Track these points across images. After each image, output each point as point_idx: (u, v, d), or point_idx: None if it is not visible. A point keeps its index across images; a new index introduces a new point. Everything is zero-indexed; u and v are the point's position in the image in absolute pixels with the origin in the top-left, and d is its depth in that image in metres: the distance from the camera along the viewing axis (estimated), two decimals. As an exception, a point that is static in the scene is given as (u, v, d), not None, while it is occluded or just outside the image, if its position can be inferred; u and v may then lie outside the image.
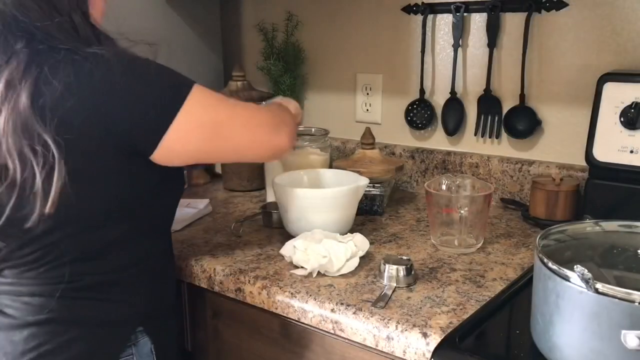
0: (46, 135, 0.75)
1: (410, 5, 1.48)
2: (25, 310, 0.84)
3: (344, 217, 1.16)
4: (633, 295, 0.61)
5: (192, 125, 0.84)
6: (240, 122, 0.90)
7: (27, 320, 0.83)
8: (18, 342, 0.83)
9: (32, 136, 0.75)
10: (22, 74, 0.76)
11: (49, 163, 0.76)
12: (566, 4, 1.27)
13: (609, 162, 1.12)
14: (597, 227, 0.83)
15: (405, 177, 1.55)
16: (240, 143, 0.91)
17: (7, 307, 0.85)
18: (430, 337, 0.81)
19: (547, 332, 0.71)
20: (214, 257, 1.10)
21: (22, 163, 0.76)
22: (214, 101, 0.88)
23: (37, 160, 0.76)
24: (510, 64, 1.37)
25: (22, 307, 0.84)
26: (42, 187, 0.76)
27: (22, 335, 0.83)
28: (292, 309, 0.95)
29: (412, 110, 1.52)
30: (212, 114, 0.87)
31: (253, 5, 1.80)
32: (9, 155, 0.76)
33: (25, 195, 0.77)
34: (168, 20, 1.64)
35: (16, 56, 0.77)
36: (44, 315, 0.83)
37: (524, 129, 1.36)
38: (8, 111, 0.75)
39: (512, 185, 1.38)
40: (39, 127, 0.75)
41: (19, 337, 0.83)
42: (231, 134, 0.89)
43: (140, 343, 0.91)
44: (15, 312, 0.84)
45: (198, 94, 0.84)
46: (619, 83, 1.11)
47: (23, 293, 0.84)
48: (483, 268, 1.04)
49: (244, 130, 0.90)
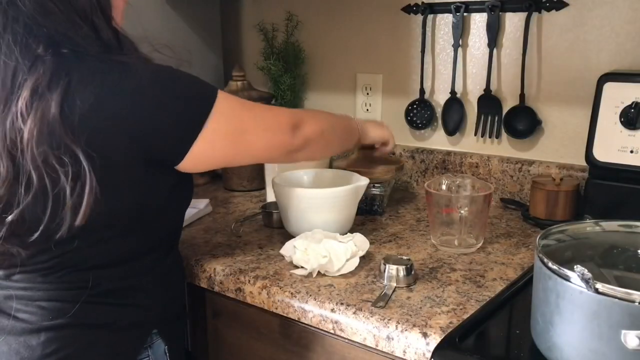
0: (75, 147, 0.75)
1: (410, 5, 1.48)
2: (41, 315, 0.83)
3: (344, 217, 1.16)
4: (633, 295, 0.61)
5: (219, 136, 0.86)
6: (263, 127, 0.92)
7: (44, 325, 0.82)
8: (35, 346, 0.82)
9: (60, 147, 0.75)
10: (49, 82, 0.75)
11: (78, 175, 0.76)
12: (566, 4, 1.27)
13: (609, 162, 1.12)
14: (597, 227, 0.83)
15: (405, 177, 1.55)
16: (264, 147, 0.94)
17: (19, 311, 0.84)
18: (430, 337, 0.81)
19: (547, 332, 0.71)
20: (214, 257, 1.10)
21: (49, 175, 0.75)
22: (238, 109, 0.90)
23: (65, 171, 0.75)
24: (510, 64, 1.37)
25: (37, 311, 0.83)
26: (72, 199, 0.76)
27: (39, 340, 0.82)
28: (292, 309, 0.95)
29: (412, 110, 1.52)
30: (238, 123, 0.89)
31: (253, 5, 1.80)
32: (35, 167, 0.75)
33: (58, 207, 0.77)
34: (168, 20, 1.64)
35: (41, 62, 0.76)
36: (61, 320, 0.83)
37: (524, 129, 1.36)
38: (35, 120, 0.74)
39: (512, 185, 1.38)
40: (67, 138, 0.75)
41: (36, 342, 0.82)
42: (255, 139, 0.92)
43: (155, 345, 0.92)
44: (30, 316, 0.83)
45: (223, 103, 0.86)
46: (619, 83, 1.11)
47: (37, 297, 0.83)
48: (483, 268, 1.04)
49: (266, 135, 0.93)
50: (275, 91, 1.70)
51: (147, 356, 0.91)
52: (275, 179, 1.21)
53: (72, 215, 0.77)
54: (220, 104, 0.86)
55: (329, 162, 1.50)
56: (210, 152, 0.87)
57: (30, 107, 0.74)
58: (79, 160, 0.75)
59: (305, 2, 1.67)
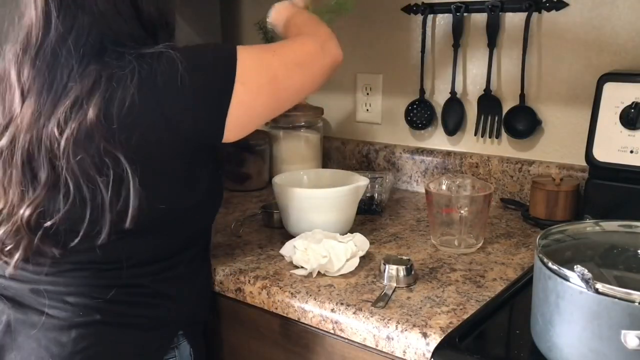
0: (116, 151, 0.75)
1: (410, 5, 1.48)
2: (72, 312, 0.83)
3: (344, 217, 1.16)
4: (633, 295, 0.61)
5: (253, 92, 0.84)
6: (291, 66, 0.89)
7: (75, 322, 0.82)
8: (65, 343, 0.81)
9: (99, 152, 0.75)
10: (91, 89, 0.76)
11: (121, 180, 0.76)
12: (566, 4, 1.27)
13: (609, 162, 1.12)
14: (597, 227, 0.83)
15: (405, 177, 1.55)
16: (302, 83, 0.92)
17: (50, 307, 0.83)
18: (430, 337, 0.81)
19: (547, 332, 0.71)
20: (214, 257, 1.10)
21: (87, 184, 0.76)
22: (263, 58, 0.87)
23: (105, 180, 0.76)
24: (510, 64, 1.37)
25: (68, 307, 0.83)
26: (114, 203, 0.76)
27: (70, 336, 0.82)
28: (292, 309, 0.95)
29: (412, 110, 1.52)
30: (266, 72, 0.86)
31: (253, 4, 1.80)
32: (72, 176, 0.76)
33: (98, 215, 0.77)
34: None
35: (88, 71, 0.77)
36: (92, 317, 0.83)
37: (524, 129, 1.36)
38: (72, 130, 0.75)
39: (512, 185, 1.38)
40: (107, 144, 0.75)
41: (67, 339, 0.82)
42: (291, 81, 0.89)
43: (181, 346, 0.92)
44: (60, 312, 0.83)
45: (245, 58, 0.83)
46: (619, 83, 1.11)
47: (68, 293, 0.83)
48: (483, 268, 1.04)
49: (298, 71, 0.90)
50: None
51: (174, 356, 0.92)
52: (275, 179, 1.21)
53: (117, 220, 0.77)
54: (242, 61, 0.83)
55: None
56: (251, 111, 0.85)
57: (69, 116, 0.75)
58: (121, 165, 0.76)
59: (305, 2, 1.67)
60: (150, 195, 0.79)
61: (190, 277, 0.94)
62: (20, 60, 0.80)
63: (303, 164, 1.52)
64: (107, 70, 0.77)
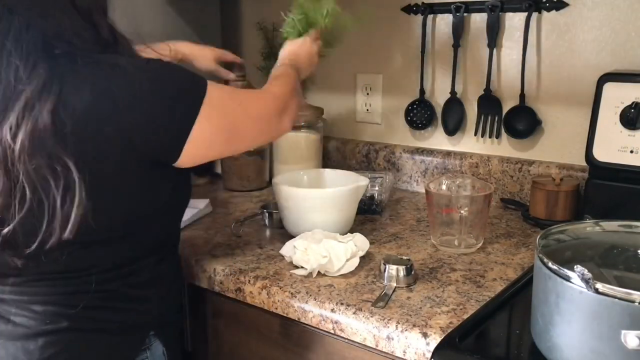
0: (67, 157, 0.74)
1: (410, 5, 1.48)
2: (38, 320, 0.82)
3: (344, 217, 1.16)
4: (633, 295, 0.61)
5: (212, 129, 0.86)
6: (252, 118, 0.94)
7: (41, 330, 0.82)
8: (33, 351, 0.81)
9: (52, 157, 0.73)
10: (42, 90, 0.74)
11: (68, 187, 0.74)
12: (566, 4, 1.27)
13: (609, 162, 1.12)
14: (597, 227, 0.83)
15: (405, 177, 1.55)
16: (251, 137, 0.96)
17: (16, 315, 0.83)
18: (430, 337, 0.81)
19: (547, 332, 0.71)
20: (214, 257, 1.10)
21: (43, 187, 0.74)
22: (228, 101, 0.90)
23: (56, 183, 0.74)
24: (510, 64, 1.37)
25: (34, 316, 0.82)
26: (62, 210, 0.75)
27: (37, 344, 0.81)
28: (292, 309, 0.95)
29: (412, 110, 1.52)
30: (230, 116, 0.89)
31: (253, 4, 1.80)
32: (28, 180, 0.73)
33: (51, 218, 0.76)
34: (167, 19, 1.63)
35: (38, 68, 0.74)
36: (59, 325, 0.82)
37: (524, 129, 1.36)
38: (26, 133, 0.72)
39: (512, 185, 1.38)
40: (59, 148, 0.73)
41: (34, 346, 0.81)
42: (245, 131, 0.93)
43: (153, 346, 0.92)
44: (27, 321, 0.82)
45: (213, 95, 0.85)
46: (619, 83, 1.11)
47: (34, 302, 0.83)
48: (483, 268, 1.04)
49: (254, 125, 0.95)
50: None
51: (145, 357, 0.91)
52: (275, 179, 1.21)
53: (61, 228, 0.75)
54: (210, 98, 0.84)
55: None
56: (205, 148, 0.86)
57: (22, 120, 0.72)
58: (70, 171, 0.74)
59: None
60: (99, 206, 0.78)
61: (160, 279, 0.93)
62: None
63: (303, 164, 1.52)
64: (57, 70, 0.75)
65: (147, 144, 0.80)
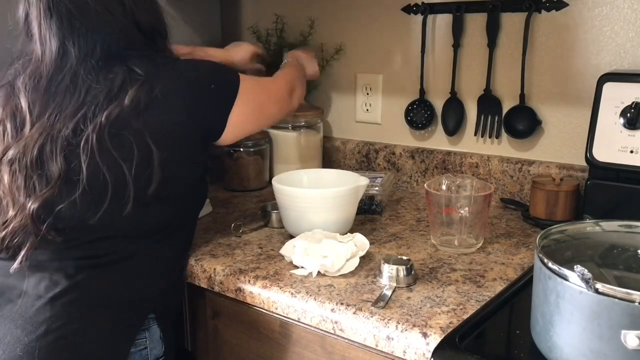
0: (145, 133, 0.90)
1: (410, 5, 1.48)
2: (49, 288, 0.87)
3: (344, 217, 1.16)
4: (633, 295, 0.61)
5: (247, 109, 1.07)
6: (274, 99, 1.16)
7: (50, 301, 0.87)
8: (42, 322, 0.85)
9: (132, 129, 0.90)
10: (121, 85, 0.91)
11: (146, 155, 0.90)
12: (566, 4, 1.27)
13: (609, 162, 1.12)
14: (597, 227, 0.83)
15: (405, 177, 1.55)
16: (274, 114, 1.19)
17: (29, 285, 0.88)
18: (430, 337, 0.82)
19: (547, 332, 0.71)
20: (214, 257, 1.10)
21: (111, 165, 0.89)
22: (256, 88, 1.11)
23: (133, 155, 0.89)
24: (510, 64, 1.37)
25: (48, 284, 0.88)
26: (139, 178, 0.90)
27: (45, 315, 0.86)
28: (292, 309, 0.95)
29: (412, 110, 1.52)
30: (258, 99, 1.10)
31: (253, 5, 1.80)
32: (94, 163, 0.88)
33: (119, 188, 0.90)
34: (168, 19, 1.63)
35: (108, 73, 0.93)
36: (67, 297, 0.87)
37: (524, 129, 1.36)
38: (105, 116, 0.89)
39: (512, 185, 1.38)
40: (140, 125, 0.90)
41: (42, 318, 0.86)
42: (270, 110, 1.15)
43: (152, 329, 0.97)
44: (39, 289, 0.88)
45: (245, 85, 1.06)
46: (619, 83, 1.11)
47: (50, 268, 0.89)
48: (483, 268, 1.04)
49: (275, 105, 1.17)
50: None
51: (144, 337, 0.96)
52: (275, 179, 1.21)
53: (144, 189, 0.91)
54: (243, 86, 1.05)
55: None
56: (242, 123, 1.07)
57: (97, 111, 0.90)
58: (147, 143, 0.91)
59: (305, 3, 1.67)
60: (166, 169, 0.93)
61: (167, 261, 1.01)
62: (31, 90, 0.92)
63: (303, 164, 1.52)
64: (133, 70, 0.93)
65: (203, 119, 1.00)
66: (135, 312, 0.94)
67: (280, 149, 1.56)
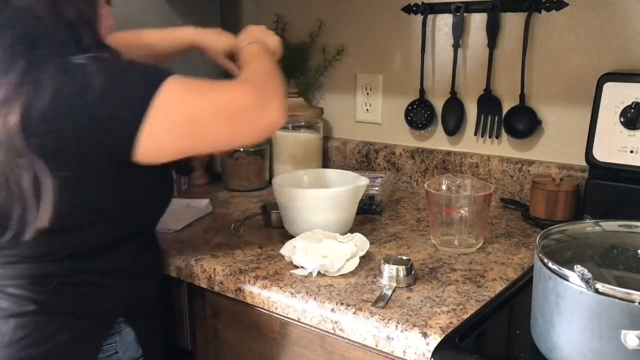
0: (33, 152, 0.77)
1: (410, 5, 1.48)
2: (11, 302, 0.86)
3: (344, 217, 1.16)
4: (633, 295, 0.61)
5: (164, 127, 0.81)
6: (216, 113, 0.84)
7: (15, 312, 0.85)
8: (5, 332, 0.85)
9: (20, 152, 0.77)
10: (16, 90, 0.77)
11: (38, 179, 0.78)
12: (566, 4, 1.27)
13: (609, 162, 1.12)
14: (597, 227, 0.83)
15: (405, 177, 1.55)
16: (221, 135, 0.86)
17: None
18: (430, 337, 0.81)
19: (547, 332, 0.71)
20: (214, 257, 1.10)
21: (14, 180, 0.78)
22: (187, 95, 0.83)
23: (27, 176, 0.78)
24: (510, 64, 1.37)
25: (8, 298, 0.86)
26: (34, 202, 0.79)
27: (9, 326, 0.85)
28: (292, 309, 0.95)
29: (412, 110, 1.52)
30: (184, 111, 0.82)
31: (253, 4, 1.80)
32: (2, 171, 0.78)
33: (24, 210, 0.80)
34: (168, 20, 1.63)
35: (14, 70, 0.78)
36: (30, 307, 0.86)
37: (524, 129, 1.36)
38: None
39: (512, 185, 1.38)
40: (25, 144, 0.76)
41: (6, 328, 0.85)
42: (208, 128, 0.84)
43: (123, 332, 0.95)
44: (1, 302, 0.86)
45: (171, 87, 0.81)
46: (619, 83, 1.11)
47: (7, 285, 0.86)
48: (483, 268, 1.04)
49: (223, 121, 0.85)
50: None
51: (114, 342, 0.94)
52: (275, 179, 1.21)
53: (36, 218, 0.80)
54: (166, 89, 0.80)
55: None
56: (160, 144, 0.82)
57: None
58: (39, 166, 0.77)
59: (306, 3, 1.67)
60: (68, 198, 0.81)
61: (131, 268, 0.95)
62: None
63: (303, 164, 1.52)
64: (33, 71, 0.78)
65: (101, 141, 0.80)
66: (102, 319, 0.92)
67: (280, 149, 1.56)
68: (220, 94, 0.86)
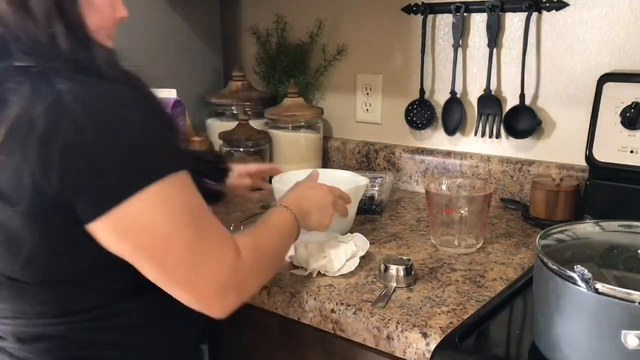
0: None
1: (410, 5, 1.48)
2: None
3: (344, 217, 1.16)
4: (633, 295, 0.61)
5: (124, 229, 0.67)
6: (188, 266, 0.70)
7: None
8: None
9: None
10: None
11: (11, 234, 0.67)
12: (566, 4, 1.27)
13: (609, 162, 1.12)
14: (597, 227, 0.83)
15: (405, 177, 1.55)
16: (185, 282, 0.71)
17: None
18: (430, 337, 0.82)
19: (547, 332, 0.71)
20: (214, 257, 1.10)
21: None
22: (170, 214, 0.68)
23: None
24: (510, 64, 1.37)
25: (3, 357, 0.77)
26: None
27: None
28: (292, 309, 0.95)
29: (412, 110, 1.52)
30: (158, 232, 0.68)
31: (253, 5, 1.80)
32: None
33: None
34: (168, 20, 1.64)
35: None
36: None
37: (524, 129, 1.36)
38: None
39: (512, 185, 1.38)
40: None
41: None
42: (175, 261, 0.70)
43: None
44: None
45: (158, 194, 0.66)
46: (619, 83, 1.11)
47: None
48: (483, 268, 1.04)
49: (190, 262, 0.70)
50: (273, 92, 1.70)
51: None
52: (275, 179, 1.21)
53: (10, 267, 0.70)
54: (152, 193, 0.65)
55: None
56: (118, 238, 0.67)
57: None
58: None
59: (306, 3, 1.67)
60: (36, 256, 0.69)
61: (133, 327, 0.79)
62: None
63: (303, 164, 1.52)
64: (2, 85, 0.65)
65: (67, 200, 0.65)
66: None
67: (280, 149, 1.56)
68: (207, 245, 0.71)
